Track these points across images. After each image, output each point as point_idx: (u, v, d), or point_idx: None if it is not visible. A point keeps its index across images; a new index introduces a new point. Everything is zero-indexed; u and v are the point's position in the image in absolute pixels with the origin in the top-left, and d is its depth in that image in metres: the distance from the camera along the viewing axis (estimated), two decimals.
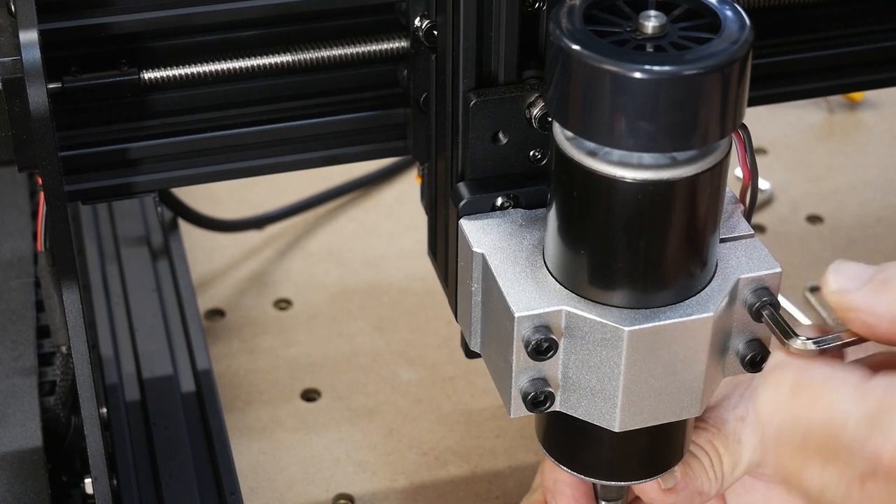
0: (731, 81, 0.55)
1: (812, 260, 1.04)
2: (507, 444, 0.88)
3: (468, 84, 0.65)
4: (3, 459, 0.77)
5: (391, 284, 1.02)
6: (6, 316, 0.87)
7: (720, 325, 0.61)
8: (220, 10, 0.68)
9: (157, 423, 0.85)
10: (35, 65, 0.62)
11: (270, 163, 0.74)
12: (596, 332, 0.60)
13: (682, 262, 0.59)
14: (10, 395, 0.81)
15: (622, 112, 0.55)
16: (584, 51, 0.55)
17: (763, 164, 1.13)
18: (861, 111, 1.21)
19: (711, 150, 0.58)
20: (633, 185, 0.57)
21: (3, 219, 0.96)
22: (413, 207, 1.06)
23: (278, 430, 0.89)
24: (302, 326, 0.98)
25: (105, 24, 0.67)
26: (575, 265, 0.60)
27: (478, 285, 0.64)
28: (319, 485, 0.86)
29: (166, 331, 0.93)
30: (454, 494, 0.85)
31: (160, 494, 0.80)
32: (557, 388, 0.62)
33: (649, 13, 0.57)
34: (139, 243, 1.01)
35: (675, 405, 0.62)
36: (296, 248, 1.06)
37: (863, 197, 1.10)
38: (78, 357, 0.67)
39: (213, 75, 0.70)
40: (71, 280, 0.66)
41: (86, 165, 0.70)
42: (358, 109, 0.73)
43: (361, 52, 0.71)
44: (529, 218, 0.65)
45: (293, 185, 1.08)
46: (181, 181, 0.73)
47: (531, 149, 0.66)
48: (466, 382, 0.93)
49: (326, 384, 0.93)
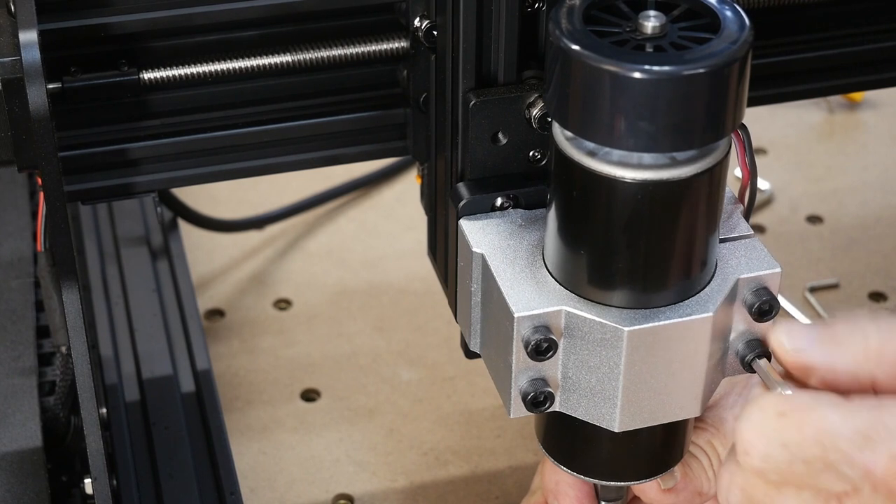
0: (731, 81, 0.55)
1: (812, 260, 1.04)
2: (507, 444, 0.88)
3: (468, 84, 0.65)
4: (3, 459, 0.77)
5: (391, 284, 1.02)
6: (6, 316, 0.87)
7: (720, 325, 0.61)
8: (220, 10, 0.68)
9: (156, 423, 0.85)
10: (35, 65, 0.62)
11: (270, 163, 0.74)
12: (595, 332, 0.60)
13: (681, 262, 0.59)
14: (10, 395, 0.81)
15: (622, 112, 0.55)
16: (583, 51, 0.55)
17: (763, 164, 1.13)
18: (861, 111, 1.21)
19: (711, 150, 0.58)
20: (633, 185, 0.57)
21: (3, 219, 0.96)
22: (413, 207, 1.06)
23: (278, 430, 0.89)
24: (302, 326, 0.98)
25: (105, 24, 0.67)
26: (574, 265, 0.60)
27: (477, 285, 0.64)
28: (319, 485, 0.86)
29: (166, 331, 0.93)
30: (454, 494, 0.85)
31: (160, 494, 0.80)
32: (557, 388, 0.62)
33: (649, 13, 0.57)
34: (139, 243, 1.01)
35: (675, 405, 0.62)
36: (296, 248, 1.06)
37: (863, 197, 1.10)
38: (78, 357, 0.67)
39: (213, 75, 0.70)
40: (71, 280, 0.66)
41: (86, 165, 0.70)
42: (358, 109, 0.73)
43: (361, 52, 0.71)
44: (529, 218, 0.65)
45: (293, 185, 1.08)
46: (181, 181, 0.73)
47: (531, 149, 0.66)
48: (466, 382, 0.93)
49: (326, 384, 0.93)
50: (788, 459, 0.54)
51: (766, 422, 0.55)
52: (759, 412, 0.55)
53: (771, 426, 0.55)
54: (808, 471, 0.54)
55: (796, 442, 0.54)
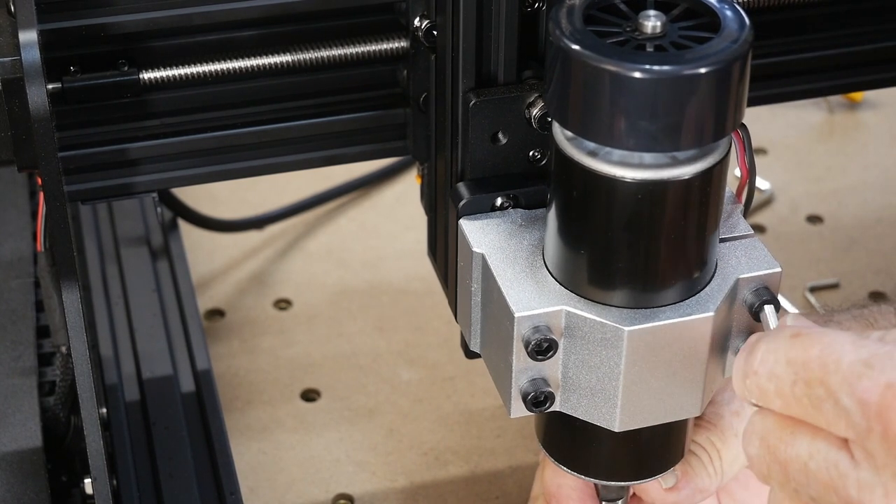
0: (732, 81, 0.55)
1: (812, 260, 1.03)
2: (507, 444, 0.88)
3: (468, 84, 0.65)
4: (3, 459, 0.77)
5: (391, 284, 1.02)
6: (6, 316, 0.87)
7: (720, 325, 0.61)
8: (220, 10, 0.68)
9: (156, 423, 0.85)
10: (34, 65, 0.62)
11: (270, 163, 0.74)
12: (596, 331, 0.60)
13: (681, 261, 0.59)
14: (10, 395, 0.81)
15: (623, 112, 0.55)
16: (584, 51, 0.55)
17: (763, 164, 1.13)
18: (861, 111, 1.21)
19: (711, 150, 0.58)
20: (634, 184, 0.57)
21: (3, 219, 0.96)
22: (413, 207, 1.06)
23: (278, 430, 0.89)
24: (302, 326, 0.98)
25: (105, 24, 0.67)
26: (575, 265, 0.60)
27: (478, 285, 0.64)
28: (319, 485, 0.86)
29: (166, 331, 0.93)
30: (454, 494, 0.85)
31: (160, 494, 0.80)
32: (557, 387, 0.62)
33: (649, 13, 0.57)
34: (139, 243, 1.01)
35: (676, 405, 0.62)
36: (296, 248, 1.06)
37: (863, 197, 1.10)
38: (78, 357, 0.67)
39: (213, 75, 0.70)
40: (71, 280, 0.66)
41: (86, 165, 0.70)
42: (358, 109, 0.73)
43: (361, 52, 0.71)
44: (529, 218, 0.65)
45: (293, 185, 1.08)
46: (181, 181, 0.73)
47: (531, 149, 0.66)
48: (466, 382, 0.93)
49: (326, 384, 0.93)
50: (792, 379, 0.55)
51: (779, 341, 0.56)
52: (776, 333, 0.56)
53: (782, 345, 0.56)
54: (809, 395, 0.54)
55: (801, 360, 0.55)
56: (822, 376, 0.54)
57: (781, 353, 0.56)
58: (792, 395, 0.55)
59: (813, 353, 0.54)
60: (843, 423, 0.53)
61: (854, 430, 0.53)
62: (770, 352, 0.56)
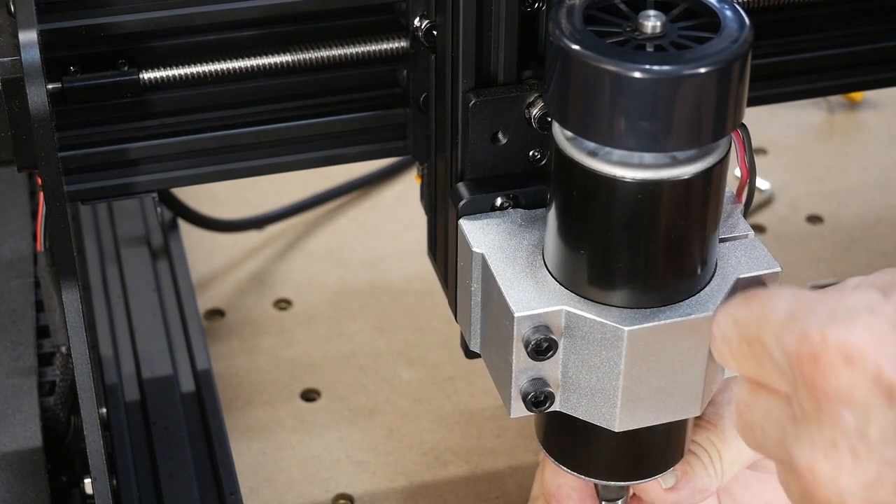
0: (732, 81, 0.55)
1: (812, 260, 1.03)
2: (507, 444, 0.88)
3: (468, 84, 0.65)
4: (3, 459, 0.77)
5: (391, 284, 1.02)
6: (6, 316, 0.87)
7: None
8: (220, 10, 0.68)
9: (156, 423, 0.85)
10: (34, 65, 0.62)
11: (270, 163, 0.74)
12: (596, 331, 0.60)
13: (681, 261, 0.59)
14: (10, 395, 0.81)
15: (623, 112, 0.55)
16: (584, 51, 0.55)
17: (763, 164, 1.13)
18: (861, 111, 1.21)
19: (711, 150, 0.58)
20: (634, 184, 0.57)
21: (3, 219, 0.96)
22: (413, 207, 1.06)
23: (278, 430, 0.89)
24: (302, 326, 0.98)
25: (104, 24, 0.67)
26: (575, 265, 0.60)
27: (477, 285, 0.64)
28: (319, 485, 0.86)
29: (166, 331, 0.93)
30: (454, 494, 0.85)
31: (160, 494, 0.80)
32: (557, 387, 0.62)
33: (648, 13, 0.57)
34: (139, 243, 1.01)
35: (675, 405, 0.62)
36: (296, 248, 1.06)
37: (863, 197, 1.10)
38: (78, 357, 0.67)
39: (213, 75, 0.70)
40: (71, 280, 0.66)
41: (86, 165, 0.70)
42: (358, 109, 0.73)
43: (361, 52, 0.71)
44: (529, 218, 0.65)
45: (293, 185, 1.08)
46: (181, 181, 0.73)
47: (531, 149, 0.66)
48: (466, 382, 0.93)
49: (326, 384, 0.93)
50: (737, 338, 0.56)
51: (731, 304, 0.57)
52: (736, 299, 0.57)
53: (732, 306, 0.57)
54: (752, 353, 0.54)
55: (743, 319, 0.55)
56: (758, 332, 0.54)
57: (730, 315, 0.56)
58: (740, 355, 0.55)
59: (753, 311, 0.54)
60: (780, 378, 0.53)
61: (787, 384, 0.53)
62: (722, 315, 0.57)
